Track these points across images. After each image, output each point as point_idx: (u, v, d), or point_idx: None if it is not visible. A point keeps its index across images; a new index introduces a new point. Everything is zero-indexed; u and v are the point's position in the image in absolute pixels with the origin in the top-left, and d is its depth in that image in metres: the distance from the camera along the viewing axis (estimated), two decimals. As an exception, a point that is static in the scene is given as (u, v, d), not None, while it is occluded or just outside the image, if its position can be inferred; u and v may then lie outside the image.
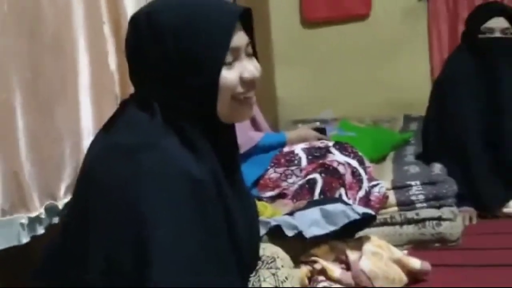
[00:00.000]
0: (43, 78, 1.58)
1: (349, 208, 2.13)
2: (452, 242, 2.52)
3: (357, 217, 2.11)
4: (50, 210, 1.58)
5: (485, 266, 2.28)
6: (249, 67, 1.36)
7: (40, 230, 1.53)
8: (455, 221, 2.56)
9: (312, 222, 2.08)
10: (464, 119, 2.98)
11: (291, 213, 2.16)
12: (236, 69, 1.34)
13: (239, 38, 1.35)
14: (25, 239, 1.47)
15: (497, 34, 2.93)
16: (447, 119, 3.04)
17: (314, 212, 2.12)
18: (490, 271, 2.24)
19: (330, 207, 2.12)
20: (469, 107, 2.98)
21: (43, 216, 1.54)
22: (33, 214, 1.51)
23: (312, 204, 2.21)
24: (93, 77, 1.77)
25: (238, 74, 1.34)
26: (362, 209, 2.18)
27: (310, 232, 2.05)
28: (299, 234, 2.04)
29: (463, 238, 2.55)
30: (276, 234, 2.02)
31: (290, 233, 2.04)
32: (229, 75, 1.32)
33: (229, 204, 1.34)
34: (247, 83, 1.36)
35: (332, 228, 2.08)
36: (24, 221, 1.47)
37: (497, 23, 2.93)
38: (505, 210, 2.85)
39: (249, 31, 1.41)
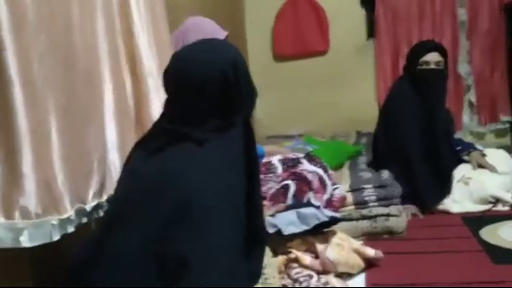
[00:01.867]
0: (75, 103, 1.56)
1: (319, 212, 2.14)
2: (399, 233, 2.53)
3: (326, 219, 2.12)
4: (79, 212, 1.55)
5: (425, 253, 2.30)
6: None
7: (71, 229, 1.50)
8: (400, 216, 2.57)
9: (289, 222, 2.09)
10: (406, 135, 2.99)
11: (272, 215, 2.16)
12: None
13: None
14: (56, 237, 1.43)
15: (432, 66, 2.96)
16: (392, 135, 3.05)
17: (291, 214, 2.13)
18: (429, 257, 2.27)
19: (304, 210, 2.14)
20: (410, 125, 3.00)
21: (72, 217, 1.51)
22: (64, 216, 1.48)
23: (289, 207, 2.22)
24: (115, 103, 1.76)
25: None
26: (329, 213, 2.19)
27: (288, 230, 2.06)
28: (278, 232, 2.05)
29: (407, 230, 2.56)
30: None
31: (271, 230, 2.04)
32: None
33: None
34: None
35: (305, 227, 2.09)
36: (55, 222, 1.44)
37: (432, 57, 2.96)
38: (440, 207, 2.87)
39: None
